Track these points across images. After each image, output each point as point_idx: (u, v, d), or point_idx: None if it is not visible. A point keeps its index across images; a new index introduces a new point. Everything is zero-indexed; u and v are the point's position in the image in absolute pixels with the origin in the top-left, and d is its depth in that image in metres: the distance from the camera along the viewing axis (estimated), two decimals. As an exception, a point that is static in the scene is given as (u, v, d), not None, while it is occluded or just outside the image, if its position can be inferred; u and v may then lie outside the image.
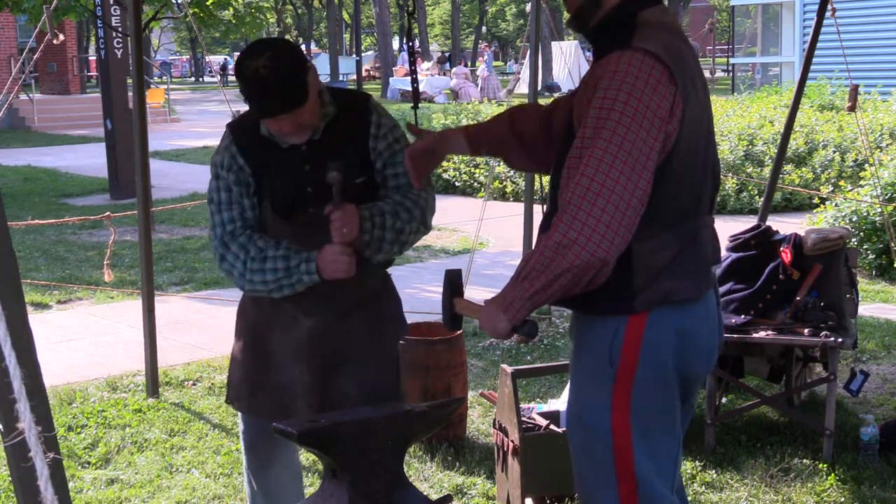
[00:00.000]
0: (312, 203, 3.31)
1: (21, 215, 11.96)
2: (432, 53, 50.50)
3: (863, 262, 9.06)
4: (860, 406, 5.87)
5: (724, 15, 52.03)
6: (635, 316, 2.81)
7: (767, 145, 13.22)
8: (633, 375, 2.84)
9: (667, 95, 2.68)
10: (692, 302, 2.87)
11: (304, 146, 3.31)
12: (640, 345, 2.82)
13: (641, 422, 2.86)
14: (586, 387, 2.94)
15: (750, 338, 5.21)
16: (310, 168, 3.31)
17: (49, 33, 7.71)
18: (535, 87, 7.40)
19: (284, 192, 3.34)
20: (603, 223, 2.61)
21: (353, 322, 3.44)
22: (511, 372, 4.50)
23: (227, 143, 3.39)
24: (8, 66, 27.95)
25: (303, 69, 3.15)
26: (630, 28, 2.78)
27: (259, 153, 3.34)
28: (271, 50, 3.15)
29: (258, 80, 3.10)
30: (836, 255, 5.46)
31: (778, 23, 29.36)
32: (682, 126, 2.73)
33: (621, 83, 2.66)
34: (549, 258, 2.64)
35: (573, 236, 2.61)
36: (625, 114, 2.63)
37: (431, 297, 8.68)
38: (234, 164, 3.36)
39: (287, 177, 3.33)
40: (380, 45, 40.33)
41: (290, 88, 3.12)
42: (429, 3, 65.49)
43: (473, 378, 6.38)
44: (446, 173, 14.75)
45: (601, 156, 2.63)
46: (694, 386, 3.06)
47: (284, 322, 3.46)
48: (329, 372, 3.42)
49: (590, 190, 2.62)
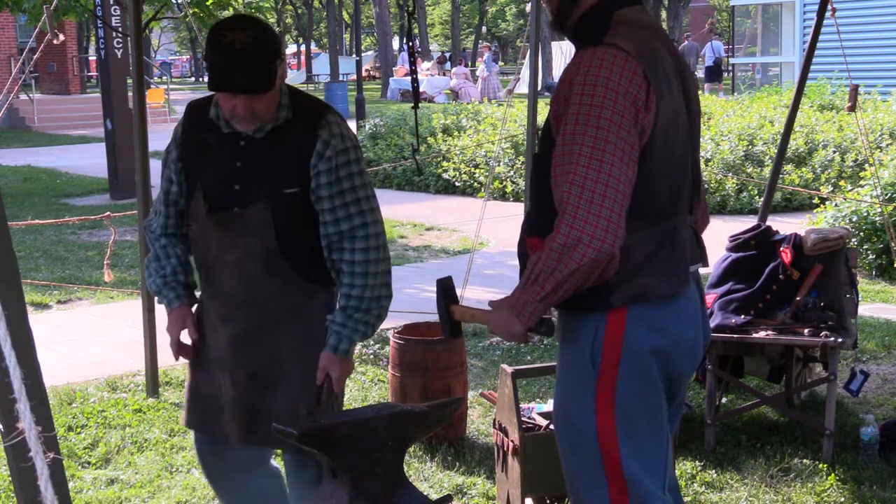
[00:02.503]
0: (237, 202, 3.25)
1: (21, 215, 11.95)
2: (432, 53, 50.50)
3: (863, 262, 9.07)
4: (860, 406, 5.87)
5: (724, 15, 52.00)
6: (614, 313, 2.82)
7: (767, 145, 13.21)
8: (616, 374, 2.85)
9: (642, 86, 2.71)
10: (671, 299, 2.88)
11: (243, 141, 3.24)
12: (621, 343, 2.83)
13: (626, 421, 2.87)
14: (570, 386, 2.95)
15: (750, 338, 5.21)
16: (241, 165, 3.25)
17: (49, 33, 7.71)
18: (535, 88, 7.40)
19: (213, 182, 3.28)
20: (604, 217, 2.62)
21: (279, 338, 3.33)
22: (511, 372, 4.50)
23: (179, 125, 3.40)
24: (8, 66, 27.96)
25: (278, 56, 3.10)
26: (604, 26, 2.80)
27: (201, 136, 3.29)
28: (254, 28, 3.08)
29: (233, 53, 3.02)
30: (836, 255, 5.46)
31: (778, 23, 29.33)
32: (657, 121, 2.75)
33: (597, 77, 2.68)
34: (555, 260, 2.65)
35: (577, 235, 2.62)
36: (605, 107, 2.66)
37: (431, 297, 8.64)
38: (174, 142, 3.39)
39: (218, 168, 3.27)
40: (380, 45, 40.30)
41: (261, 70, 3.05)
42: (429, 3, 65.45)
43: (473, 378, 6.38)
44: (446, 173, 14.75)
45: (590, 151, 2.64)
46: (679, 385, 3.07)
47: (210, 327, 3.41)
48: (255, 389, 3.34)
49: (585, 186, 2.63)
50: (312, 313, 3.36)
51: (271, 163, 3.21)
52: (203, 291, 3.47)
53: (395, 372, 5.49)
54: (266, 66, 3.06)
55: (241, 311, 3.32)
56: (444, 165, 14.81)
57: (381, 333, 7.40)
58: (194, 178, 3.33)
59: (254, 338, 3.33)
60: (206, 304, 3.42)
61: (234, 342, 3.34)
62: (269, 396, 3.33)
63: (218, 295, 3.36)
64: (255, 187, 3.23)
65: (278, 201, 3.21)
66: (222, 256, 3.31)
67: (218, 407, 3.40)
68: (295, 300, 3.33)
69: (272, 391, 3.34)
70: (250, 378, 3.34)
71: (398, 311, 7.89)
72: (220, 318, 3.36)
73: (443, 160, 14.87)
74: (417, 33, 48.41)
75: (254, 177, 3.23)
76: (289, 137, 3.22)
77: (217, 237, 3.29)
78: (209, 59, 3.07)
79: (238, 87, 3.06)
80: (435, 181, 14.99)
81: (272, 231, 3.23)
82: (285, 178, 3.22)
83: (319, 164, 3.20)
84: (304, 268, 3.31)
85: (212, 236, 3.30)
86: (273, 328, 3.32)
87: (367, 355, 6.98)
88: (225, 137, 3.26)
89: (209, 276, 3.39)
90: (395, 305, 3.64)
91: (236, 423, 3.36)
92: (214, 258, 3.34)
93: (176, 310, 3.43)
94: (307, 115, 3.25)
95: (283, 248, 3.26)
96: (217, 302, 3.37)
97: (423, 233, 12.04)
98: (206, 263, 3.38)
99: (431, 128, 16.20)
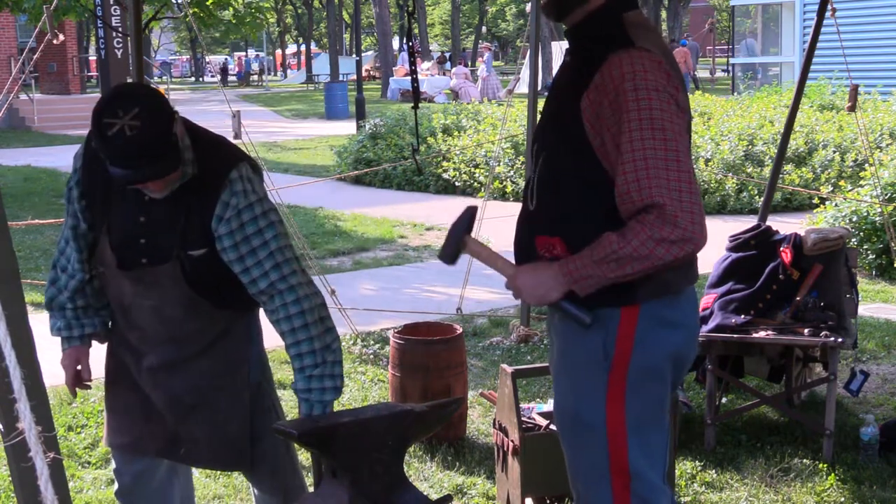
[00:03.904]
0: (145, 255, 3.13)
1: (21, 215, 11.94)
2: (432, 53, 50.51)
3: (863, 262, 9.06)
4: (860, 406, 5.87)
5: (724, 15, 52.00)
6: (629, 308, 2.83)
7: (767, 145, 13.21)
8: (627, 368, 2.86)
9: (678, 88, 2.78)
10: (679, 293, 2.91)
11: (147, 197, 3.08)
12: (634, 336, 2.84)
13: (635, 415, 2.89)
14: (580, 381, 2.94)
15: (750, 338, 5.21)
16: (145, 220, 3.11)
17: (49, 33, 7.70)
18: (535, 87, 7.40)
19: (118, 232, 3.15)
20: (697, 212, 2.67)
21: (202, 366, 3.24)
22: (511, 372, 4.50)
23: (80, 158, 3.23)
24: (8, 66, 27.94)
25: (172, 124, 2.88)
26: (619, 29, 2.81)
27: (103, 179, 3.09)
28: (139, 105, 2.82)
29: (127, 143, 2.78)
30: (836, 255, 5.46)
31: (778, 23, 29.34)
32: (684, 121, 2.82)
33: (647, 82, 2.70)
34: (662, 249, 2.64)
35: (682, 233, 2.64)
36: (663, 109, 2.70)
37: (432, 297, 8.68)
38: (76, 180, 3.25)
39: (123, 218, 3.13)
40: (380, 45, 40.30)
41: (162, 154, 2.85)
42: (429, 3, 65.46)
43: (473, 378, 6.38)
44: (446, 173, 14.75)
45: (665, 154, 2.67)
46: (683, 373, 3.10)
47: (129, 350, 3.30)
48: (177, 412, 3.26)
49: (674, 182, 2.66)
50: (235, 337, 3.30)
51: (175, 224, 3.08)
52: (121, 322, 3.32)
53: (395, 372, 5.49)
54: (166, 149, 2.86)
55: (161, 346, 3.23)
56: (444, 165, 14.80)
57: (381, 333, 7.40)
58: (100, 222, 3.18)
59: (176, 367, 3.24)
60: (125, 333, 3.30)
61: (154, 369, 3.25)
62: (191, 420, 3.26)
63: (137, 329, 3.26)
64: (161, 246, 3.11)
65: (187, 261, 3.10)
66: (138, 302, 3.20)
67: (137, 430, 3.31)
68: (217, 329, 3.26)
69: (194, 416, 3.26)
70: (172, 402, 3.26)
71: (398, 311, 7.89)
72: (140, 346, 3.26)
73: (443, 160, 14.87)
74: (417, 33, 48.41)
75: (158, 235, 3.10)
76: (191, 197, 3.06)
77: (130, 287, 3.18)
78: (100, 150, 2.84)
79: (144, 179, 2.89)
80: (435, 181, 14.99)
81: (185, 286, 3.13)
82: (190, 239, 3.08)
83: (220, 228, 3.04)
84: (226, 301, 3.23)
85: (125, 285, 3.18)
86: (196, 358, 3.25)
87: (367, 355, 6.98)
88: (130, 189, 3.07)
89: (126, 316, 3.27)
90: (395, 305, 3.62)
91: (157, 441, 3.29)
92: (130, 303, 3.22)
93: (73, 348, 3.37)
94: (212, 173, 3.06)
95: (202, 293, 3.16)
96: (137, 334, 3.26)
97: (423, 233, 12.04)
98: (122, 306, 3.25)
99: (431, 128, 16.20)
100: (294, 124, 28.77)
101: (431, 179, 15.03)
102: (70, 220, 3.28)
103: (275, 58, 72.94)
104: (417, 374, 5.40)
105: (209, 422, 3.27)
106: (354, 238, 11.56)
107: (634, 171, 2.68)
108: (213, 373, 3.26)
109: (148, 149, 2.81)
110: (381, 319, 7.79)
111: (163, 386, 3.26)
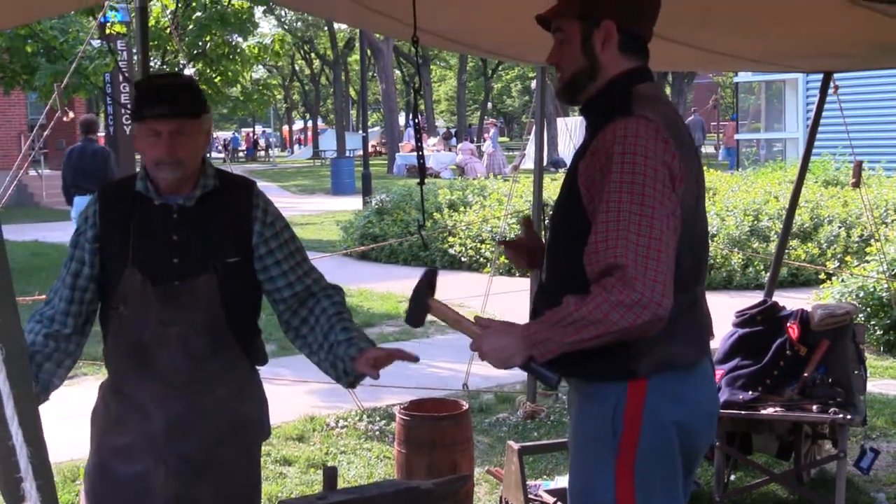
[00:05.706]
0: (178, 276, 3.16)
1: (28, 290, 11.96)
2: (438, 129, 50.95)
3: (870, 337, 9.03)
4: (871, 484, 5.81)
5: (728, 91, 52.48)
6: (635, 382, 2.80)
7: (773, 220, 13.25)
8: (637, 445, 2.82)
9: (675, 156, 2.74)
10: (691, 368, 2.87)
11: (176, 214, 3.18)
12: (642, 412, 2.80)
13: (645, 491, 2.84)
14: (589, 459, 2.91)
15: (758, 414, 5.17)
16: (177, 238, 3.18)
17: (59, 111, 7.79)
18: (541, 163, 7.45)
19: (151, 256, 3.17)
20: (660, 282, 2.60)
21: (219, 421, 3.22)
22: (518, 448, 4.47)
23: (93, 204, 3.28)
24: (18, 143, 28.20)
25: (205, 104, 3.23)
26: (627, 99, 2.83)
27: (124, 214, 3.20)
28: (182, 79, 3.30)
29: (160, 84, 3.20)
30: (843, 331, 5.44)
31: (781, 99, 29.61)
32: (686, 192, 2.78)
33: (635, 146, 2.69)
34: (607, 313, 2.59)
35: (637, 296, 2.58)
36: (647, 175, 2.66)
37: (438, 372, 8.65)
38: (89, 225, 3.25)
39: (153, 242, 3.18)
40: (386, 121, 40.70)
41: (187, 95, 3.16)
42: (435, 80, 66.17)
43: (479, 454, 6.33)
44: (452, 249, 14.78)
45: (639, 219, 2.63)
46: (698, 456, 3.04)
47: (136, 411, 3.22)
48: (186, 474, 3.20)
49: (639, 252, 2.60)
50: (250, 397, 3.35)
51: (209, 233, 3.17)
52: (128, 377, 3.26)
53: (400, 448, 5.46)
54: (192, 94, 3.17)
55: (181, 391, 3.19)
56: (451, 241, 14.86)
57: (387, 409, 7.37)
58: (120, 254, 3.19)
59: (193, 422, 3.20)
60: (132, 390, 3.24)
61: (170, 425, 3.19)
62: (196, 485, 3.20)
63: (155, 377, 3.20)
64: (196, 259, 3.16)
65: (222, 271, 3.17)
66: (163, 333, 3.17)
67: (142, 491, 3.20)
68: (236, 381, 3.27)
69: (199, 479, 3.21)
70: (183, 462, 3.20)
71: (404, 387, 7.86)
72: (154, 401, 3.21)
73: (449, 235, 14.92)
74: (423, 109, 48.83)
75: (193, 249, 3.16)
76: (221, 206, 3.21)
77: (157, 312, 3.16)
78: (137, 98, 3.17)
79: (164, 108, 3.10)
80: (441, 256, 15.02)
81: (218, 302, 3.17)
82: (224, 248, 3.19)
83: (265, 231, 3.24)
84: (247, 343, 3.28)
85: (151, 312, 3.16)
86: (214, 411, 3.22)
87: (372, 431, 6.94)
88: (156, 211, 3.19)
89: (144, 358, 3.21)
90: (400, 381, 3.62)
91: None
92: (153, 336, 3.18)
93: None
94: (235, 186, 3.28)
95: (229, 320, 3.20)
96: (153, 384, 3.21)
97: (429, 308, 12.02)
98: (142, 344, 3.20)
99: (437, 203, 16.28)
100: (300, 199, 28.94)
101: (438, 255, 15.07)
102: (73, 267, 3.26)
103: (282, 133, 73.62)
104: (423, 451, 5.36)
105: (213, 484, 3.22)
106: (360, 313, 11.56)
107: (605, 231, 2.66)
108: (226, 430, 3.23)
109: (177, 88, 3.16)
110: (387, 395, 7.76)
111: (177, 446, 3.19)
